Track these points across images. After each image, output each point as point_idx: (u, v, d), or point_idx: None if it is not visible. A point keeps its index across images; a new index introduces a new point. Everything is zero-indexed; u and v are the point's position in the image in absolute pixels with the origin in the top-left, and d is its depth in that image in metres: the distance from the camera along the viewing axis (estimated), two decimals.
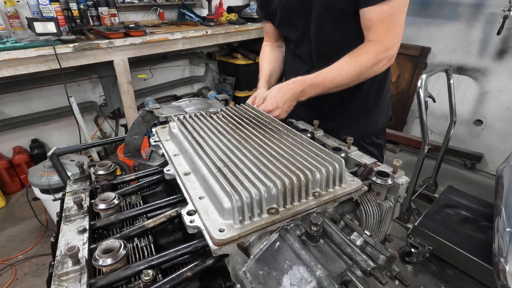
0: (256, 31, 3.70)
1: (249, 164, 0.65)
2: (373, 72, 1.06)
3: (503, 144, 3.18)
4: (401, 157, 2.87)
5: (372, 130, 1.29)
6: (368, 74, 1.05)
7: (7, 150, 3.06)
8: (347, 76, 1.03)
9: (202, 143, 0.75)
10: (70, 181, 0.81)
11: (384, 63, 1.05)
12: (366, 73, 1.04)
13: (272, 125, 0.86)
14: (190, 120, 0.90)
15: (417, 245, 2.15)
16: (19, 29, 2.64)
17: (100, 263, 0.53)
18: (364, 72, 1.04)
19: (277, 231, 0.58)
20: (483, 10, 3.01)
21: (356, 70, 1.03)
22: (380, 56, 1.03)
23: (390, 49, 1.04)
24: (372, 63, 1.03)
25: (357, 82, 1.07)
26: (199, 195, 0.64)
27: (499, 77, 3.08)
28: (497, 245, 1.62)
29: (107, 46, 2.55)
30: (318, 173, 0.64)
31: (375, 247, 0.57)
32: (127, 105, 2.92)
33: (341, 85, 1.05)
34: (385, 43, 1.02)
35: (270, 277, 0.52)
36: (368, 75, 1.06)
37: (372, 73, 1.06)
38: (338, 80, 1.04)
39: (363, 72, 1.03)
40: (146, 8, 3.56)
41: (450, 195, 2.49)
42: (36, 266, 2.27)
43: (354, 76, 1.04)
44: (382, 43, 1.02)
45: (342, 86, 1.06)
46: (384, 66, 1.06)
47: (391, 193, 0.76)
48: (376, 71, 1.06)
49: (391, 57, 1.06)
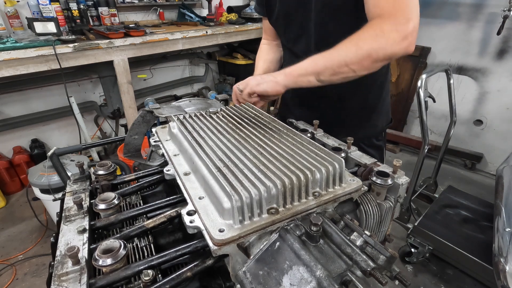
0: (256, 31, 3.70)
1: (249, 164, 0.65)
2: (378, 51, 0.85)
3: (503, 144, 3.18)
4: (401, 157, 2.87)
5: (371, 132, 1.28)
6: (369, 53, 0.85)
7: (7, 150, 3.06)
8: (340, 57, 0.88)
9: (202, 143, 0.75)
10: (70, 181, 0.81)
11: (395, 40, 0.83)
12: (365, 52, 0.85)
13: (272, 124, 0.86)
14: (190, 120, 0.90)
15: (417, 245, 2.15)
16: (19, 29, 2.64)
17: (100, 263, 0.53)
18: (361, 50, 0.85)
19: (277, 231, 0.58)
20: (483, 10, 3.01)
21: (351, 48, 0.87)
22: (386, 28, 0.83)
23: (401, 24, 0.83)
24: (372, 36, 0.85)
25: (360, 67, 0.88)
26: (199, 195, 0.64)
27: (499, 77, 3.08)
28: (497, 245, 1.62)
29: (107, 46, 2.55)
30: (318, 173, 0.64)
31: (375, 247, 0.57)
32: (127, 105, 2.92)
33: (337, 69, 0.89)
34: (393, 17, 0.84)
35: (270, 277, 0.52)
36: (371, 56, 0.85)
37: (376, 51, 0.85)
38: (330, 62, 0.90)
39: (361, 50, 0.85)
40: (146, 8, 3.56)
41: (450, 195, 2.49)
42: (36, 266, 2.27)
43: (349, 57, 0.87)
44: (389, 16, 0.85)
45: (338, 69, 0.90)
46: (396, 45, 0.84)
47: (391, 193, 0.76)
48: (383, 49, 0.84)
49: (405, 35, 0.83)
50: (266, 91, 0.97)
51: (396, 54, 0.87)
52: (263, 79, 0.99)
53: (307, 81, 0.94)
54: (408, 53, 0.88)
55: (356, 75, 0.91)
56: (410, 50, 0.88)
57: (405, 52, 0.87)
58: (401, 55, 0.88)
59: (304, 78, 0.94)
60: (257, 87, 0.98)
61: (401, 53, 0.87)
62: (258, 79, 1.00)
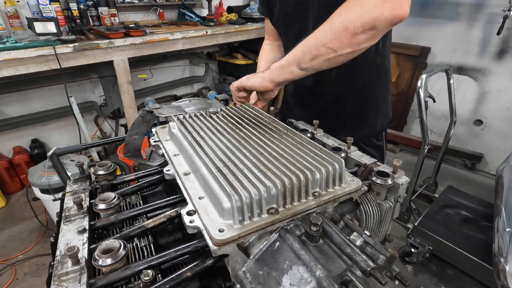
0: (256, 31, 3.70)
1: (249, 164, 0.65)
2: (354, 20, 0.75)
3: (503, 144, 3.18)
4: (401, 157, 2.87)
5: (371, 132, 1.28)
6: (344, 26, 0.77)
7: (7, 150, 3.07)
8: (315, 38, 0.82)
9: (202, 143, 0.75)
10: (70, 181, 0.81)
11: (373, 4, 0.73)
12: (339, 25, 0.77)
13: (272, 125, 0.86)
14: (190, 120, 0.90)
15: (417, 245, 2.15)
16: (19, 29, 2.64)
17: (100, 263, 0.53)
18: (335, 24, 0.77)
19: (277, 231, 0.58)
20: (483, 10, 3.01)
21: (325, 26, 0.80)
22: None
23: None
24: (346, 7, 0.77)
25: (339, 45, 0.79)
26: (198, 195, 0.64)
27: (499, 77, 3.08)
28: (497, 245, 1.62)
29: (107, 46, 2.55)
30: (318, 173, 0.64)
31: (375, 247, 0.57)
32: (127, 105, 2.92)
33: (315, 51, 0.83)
34: None
35: (270, 277, 0.52)
36: (347, 29, 0.76)
37: (352, 22, 0.76)
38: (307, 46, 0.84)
39: (335, 24, 0.78)
40: (146, 8, 3.56)
41: (450, 195, 2.49)
42: (36, 266, 2.27)
43: (324, 34, 0.80)
44: None
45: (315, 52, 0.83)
46: (375, 9, 0.73)
47: (391, 193, 0.76)
48: (359, 16, 0.75)
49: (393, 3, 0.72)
50: (253, 85, 0.99)
51: (377, 19, 0.74)
52: (253, 75, 1.02)
53: (290, 72, 0.90)
54: (398, 17, 0.74)
55: (339, 55, 0.82)
56: (399, 13, 0.73)
57: (392, 15, 0.73)
58: (388, 20, 0.74)
59: (287, 69, 0.91)
60: (246, 81, 1.01)
61: (385, 17, 0.74)
62: (250, 75, 1.03)
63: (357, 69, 1.14)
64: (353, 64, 1.10)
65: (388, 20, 0.75)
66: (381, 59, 1.16)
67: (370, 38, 0.79)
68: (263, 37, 1.47)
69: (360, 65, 1.13)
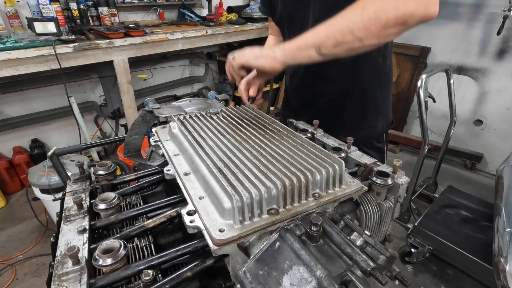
0: (256, 31, 3.70)
1: (250, 164, 0.65)
2: (388, 10, 0.72)
3: (503, 144, 3.18)
4: (401, 157, 2.87)
5: (371, 134, 1.26)
6: (377, 15, 0.73)
7: (7, 150, 3.07)
8: (343, 23, 0.78)
9: (202, 143, 0.75)
10: (70, 181, 0.81)
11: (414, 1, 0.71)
12: (372, 13, 0.74)
13: (273, 126, 0.86)
14: (190, 120, 0.90)
15: (417, 245, 2.15)
16: (19, 29, 2.64)
17: (100, 263, 0.53)
18: (368, 12, 0.74)
19: (277, 231, 0.58)
20: (483, 10, 3.01)
21: (355, 12, 0.76)
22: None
23: None
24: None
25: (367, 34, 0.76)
26: (199, 195, 0.64)
27: (499, 77, 3.08)
28: (497, 245, 1.62)
29: (107, 46, 2.55)
30: (318, 174, 0.64)
31: (375, 247, 0.57)
32: (127, 105, 2.92)
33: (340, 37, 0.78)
34: None
35: (270, 277, 0.52)
36: (379, 19, 0.73)
37: (386, 11, 0.72)
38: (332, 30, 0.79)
39: (367, 12, 0.74)
40: (146, 8, 3.56)
41: (450, 195, 2.49)
42: (36, 266, 2.27)
43: (353, 21, 0.76)
44: None
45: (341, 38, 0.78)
46: (410, 3, 0.71)
47: (391, 193, 0.76)
48: (395, 8, 0.72)
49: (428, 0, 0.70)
50: (263, 66, 0.89)
51: (411, 15, 0.72)
52: (261, 53, 0.90)
53: (307, 56, 0.83)
54: (429, 15, 0.72)
55: (363, 46, 0.78)
56: (431, 12, 0.72)
57: (425, 13, 0.71)
58: (420, 17, 0.72)
59: (304, 52, 0.84)
60: (255, 61, 0.90)
61: (419, 14, 0.72)
62: (257, 52, 0.92)
63: (358, 68, 1.13)
64: (354, 63, 1.10)
65: (420, 17, 0.73)
66: (382, 59, 1.15)
67: (397, 33, 0.77)
68: (263, 37, 1.47)
69: (361, 65, 1.12)
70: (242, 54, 0.94)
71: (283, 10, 1.20)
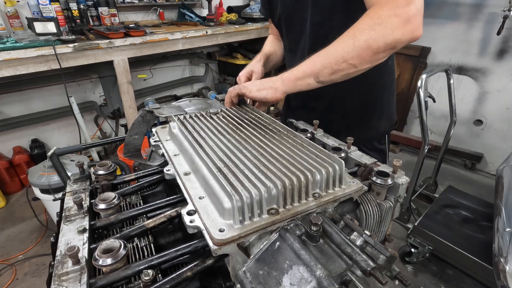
0: (256, 31, 3.70)
1: (250, 164, 0.65)
2: (378, 40, 0.78)
3: (503, 144, 3.18)
4: (401, 157, 2.87)
5: (373, 134, 1.24)
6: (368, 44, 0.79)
7: (7, 150, 3.07)
8: (337, 53, 0.83)
9: (202, 143, 0.75)
10: (70, 181, 0.81)
11: (395, 25, 0.77)
12: (363, 43, 0.79)
13: (273, 126, 0.86)
14: (190, 120, 0.90)
15: (417, 245, 2.15)
16: (19, 29, 2.64)
17: (100, 263, 0.53)
18: (359, 42, 0.79)
19: (277, 231, 0.58)
20: (483, 10, 3.02)
21: (347, 42, 0.81)
22: (383, 14, 0.78)
23: (400, 7, 0.77)
24: (369, 25, 0.79)
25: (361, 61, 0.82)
26: (199, 195, 0.64)
27: (499, 77, 3.08)
28: (497, 245, 1.62)
29: (107, 46, 2.55)
30: (318, 174, 0.64)
31: (375, 247, 0.57)
32: (127, 105, 2.92)
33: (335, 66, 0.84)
34: (390, 2, 0.78)
35: (270, 277, 0.52)
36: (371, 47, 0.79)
37: (376, 41, 0.78)
38: (327, 60, 0.85)
39: (358, 42, 0.79)
40: (146, 8, 3.56)
41: (450, 195, 2.49)
42: (36, 266, 2.27)
43: (346, 51, 0.81)
44: (386, 2, 0.79)
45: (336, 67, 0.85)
46: (397, 31, 0.77)
47: (391, 193, 0.76)
48: (383, 37, 0.78)
49: (407, 18, 0.76)
50: (266, 98, 0.94)
51: (399, 41, 0.79)
52: (262, 85, 0.95)
53: (306, 84, 0.91)
54: (415, 38, 0.80)
55: (358, 70, 0.86)
56: (417, 35, 0.79)
57: (411, 37, 0.79)
58: (407, 41, 0.80)
59: (303, 82, 0.90)
60: (256, 93, 0.95)
61: (406, 39, 0.79)
62: (258, 84, 0.97)
63: None
64: None
65: (407, 41, 0.80)
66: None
67: (387, 55, 0.85)
68: (263, 37, 1.48)
69: None
70: (243, 85, 0.99)
71: (282, 13, 1.20)
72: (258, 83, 0.97)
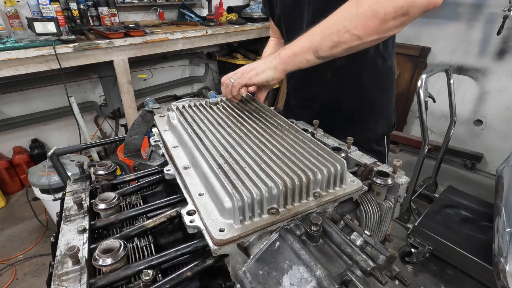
0: (256, 31, 3.70)
1: (251, 161, 0.65)
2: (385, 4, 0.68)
3: (503, 144, 3.18)
4: (401, 157, 2.87)
5: (369, 136, 1.22)
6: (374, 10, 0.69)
7: (7, 150, 3.06)
8: (338, 22, 0.74)
9: (202, 136, 0.74)
10: (70, 181, 0.81)
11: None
12: (368, 8, 0.69)
13: (274, 119, 0.85)
14: (189, 110, 0.89)
15: (417, 245, 2.15)
16: (19, 29, 2.64)
17: (100, 263, 0.53)
18: (363, 7, 0.69)
19: (277, 231, 0.58)
20: (483, 10, 3.01)
21: (350, 9, 0.72)
22: None
23: None
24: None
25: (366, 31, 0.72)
26: (199, 192, 0.64)
27: (499, 77, 3.08)
28: (497, 245, 1.62)
29: (107, 46, 2.55)
30: (320, 173, 0.64)
31: (375, 247, 0.57)
32: (127, 105, 2.92)
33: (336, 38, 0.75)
34: None
35: (270, 277, 0.52)
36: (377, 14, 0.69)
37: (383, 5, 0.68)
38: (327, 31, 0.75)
39: (362, 8, 0.70)
40: (146, 8, 3.56)
41: (450, 195, 2.49)
42: (36, 266, 2.27)
43: (349, 19, 0.72)
44: None
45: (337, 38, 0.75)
46: None
47: (391, 193, 0.76)
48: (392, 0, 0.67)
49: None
50: (267, 80, 0.86)
51: (412, 4, 0.67)
52: (259, 67, 0.87)
53: (305, 60, 0.81)
54: (432, 3, 0.68)
55: (363, 43, 0.75)
56: (434, 1, 0.67)
57: (426, 2, 0.67)
58: (422, 6, 0.68)
59: (301, 57, 0.81)
60: (256, 77, 0.87)
61: (420, 3, 0.67)
62: (254, 66, 0.88)
63: (353, 70, 1.11)
64: (350, 64, 1.08)
65: (423, 6, 0.68)
66: (381, 61, 1.12)
67: (399, 25, 0.72)
68: (263, 37, 1.47)
69: (357, 66, 1.10)
70: (241, 74, 0.91)
71: (281, 12, 1.20)
72: (254, 67, 0.89)
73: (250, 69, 0.89)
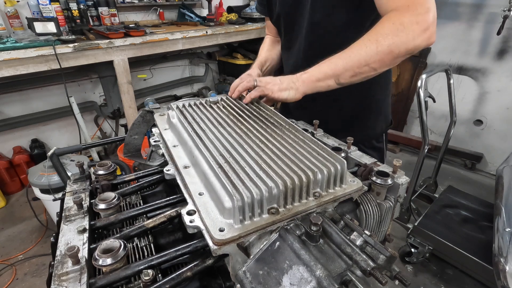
0: (256, 31, 3.70)
1: (251, 161, 0.65)
2: (400, 46, 0.82)
3: (503, 144, 3.18)
4: (401, 157, 2.87)
5: (370, 134, 1.25)
6: (391, 49, 0.82)
7: (7, 150, 3.06)
8: (360, 56, 0.85)
9: (202, 135, 0.74)
10: (70, 181, 0.81)
11: (416, 33, 0.81)
12: (386, 48, 0.82)
13: (274, 118, 0.85)
14: (189, 109, 0.89)
15: (417, 245, 2.15)
16: (19, 29, 2.64)
17: (100, 263, 0.53)
18: (382, 47, 0.82)
19: (277, 231, 0.58)
20: (483, 10, 3.01)
21: (370, 46, 0.84)
22: (405, 21, 0.81)
23: (421, 15, 0.80)
24: (392, 30, 0.82)
25: (381, 65, 0.87)
26: (198, 191, 0.64)
27: (499, 77, 3.08)
28: (497, 245, 1.62)
29: (107, 46, 2.55)
30: (320, 173, 0.64)
31: (375, 247, 0.57)
32: (127, 105, 2.92)
33: (357, 69, 0.87)
34: (411, 8, 0.81)
35: (270, 277, 0.52)
36: (392, 53, 0.83)
37: (398, 47, 0.82)
38: (350, 63, 0.87)
39: (382, 47, 0.82)
40: (146, 8, 3.56)
41: (450, 195, 2.49)
42: (36, 266, 2.27)
43: (369, 55, 0.84)
44: (407, 9, 0.81)
45: (358, 70, 0.87)
46: (418, 38, 0.81)
47: (391, 193, 0.76)
48: (405, 43, 0.82)
49: (426, 26, 0.80)
50: (286, 99, 0.95)
51: (418, 47, 0.84)
52: (283, 84, 0.95)
53: (326, 86, 0.93)
54: (430, 44, 0.85)
55: (377, 73, 0.90)
56: (432, 42, 0.84)
57: (427, 44, 0.84)
58: (424, 47, 0.85)
59: (323, 83, 0.92)
60: (278, 93, 0.94)
61: (423, 46, 0.84)
62: (279, 82, 0.96)
63: None
64: None
65: (424, 47, 0.85)
66: None
67: (403, 59, 0.88)
68: (263, 37, 1.47)
69: None
70: (265, 82, 0.97)
71: (280, 11, 1.20)
72: (278, 82, 0.96)
73: (275, 83, 0.96)
